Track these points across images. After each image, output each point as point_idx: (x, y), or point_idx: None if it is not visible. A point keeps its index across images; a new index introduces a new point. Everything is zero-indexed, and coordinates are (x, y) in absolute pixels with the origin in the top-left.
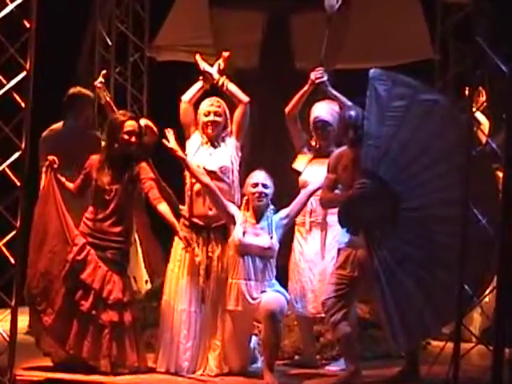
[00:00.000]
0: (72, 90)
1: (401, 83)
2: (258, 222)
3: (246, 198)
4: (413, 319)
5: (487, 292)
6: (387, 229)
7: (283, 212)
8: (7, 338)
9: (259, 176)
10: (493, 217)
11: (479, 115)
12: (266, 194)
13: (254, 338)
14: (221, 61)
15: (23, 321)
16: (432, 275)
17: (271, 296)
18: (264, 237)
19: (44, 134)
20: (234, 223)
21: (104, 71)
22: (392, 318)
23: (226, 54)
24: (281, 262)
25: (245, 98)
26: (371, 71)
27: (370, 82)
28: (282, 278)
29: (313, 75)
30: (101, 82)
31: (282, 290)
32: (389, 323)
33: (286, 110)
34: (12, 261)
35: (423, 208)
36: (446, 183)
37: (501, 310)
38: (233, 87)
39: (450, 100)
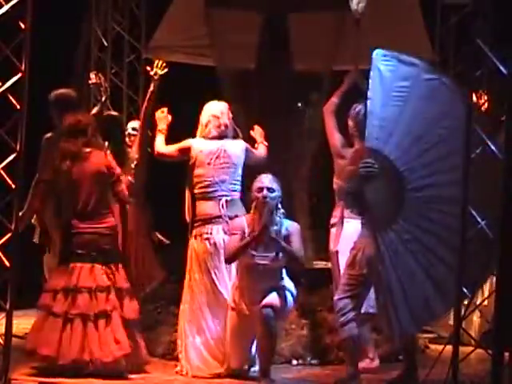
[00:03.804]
0: (54, 94)
1: (405, 62)
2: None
3: (254, 203)
4: (419, 302)
5: (486, 295)
6: (393, 210)
7: (292, 237)
8: (2, 342)
9: (264, 180)
10: (494, 219)
11: None
12: (272, 198)
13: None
14: None
15: (18, 325)
16: (437, 257)
17: (268, 299)
18: (272, 253)
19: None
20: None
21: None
22: (396, 299)
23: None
24: None
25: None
26: (375, 52)
27: (373, 63)
28: None
29: None
30: (96, 76)
31: (291, 286)
32: (392, 305)
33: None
34: (7, 264)
35: (428, 188)
36: (450, 163)
37: (500, 313)
38: None
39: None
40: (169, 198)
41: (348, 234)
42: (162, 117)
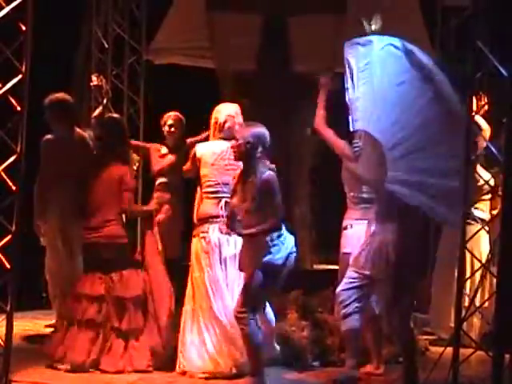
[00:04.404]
0: (49, 99)
1: (363, 44)
2: (246, 176)
3: None
4: None
5: (487, 297)
6: (379, 178)
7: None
8: (2, 344)
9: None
10: None
11: (480, 120)
12: (234, 145)
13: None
14: None
15: (18, 326)
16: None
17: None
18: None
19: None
20: None
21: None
22: None
23: None
24: None
25: None
26: (345, 45)
27: (344, 57)
28: None
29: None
30: (97, 78)
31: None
32: None
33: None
34: (7, 265)
35: (402, 143)
36: (416, 109)
37: (500, 315)
38: None
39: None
40: None
41: (361, 235)
42: None
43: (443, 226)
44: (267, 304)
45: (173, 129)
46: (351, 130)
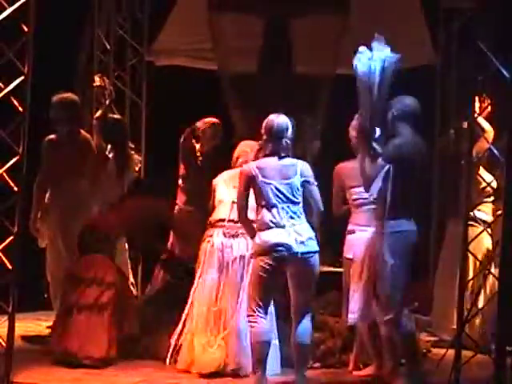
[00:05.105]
0: (58, 98)
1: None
2: None
3: None
4: None
5: (489, 299)
6: None
7: None
8: (4, 344)
9: None
10: None
11: (483, 122)
12: None
13: None
14: None
15: (20, 327)
16: None
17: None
18: None
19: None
20: None
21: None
22: None
23: None
24: None
25: None
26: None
27: None
28: None
29: None
30: (100, 79)
31: None
32: None
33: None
34: (9, 266)
35: None
36: None
37: (502, 317)
38: None
39: None
40: None
41: (364, 241)
42: None
43: (446, 228)
44: (305, 318)
45: (213, 137)
46: None
